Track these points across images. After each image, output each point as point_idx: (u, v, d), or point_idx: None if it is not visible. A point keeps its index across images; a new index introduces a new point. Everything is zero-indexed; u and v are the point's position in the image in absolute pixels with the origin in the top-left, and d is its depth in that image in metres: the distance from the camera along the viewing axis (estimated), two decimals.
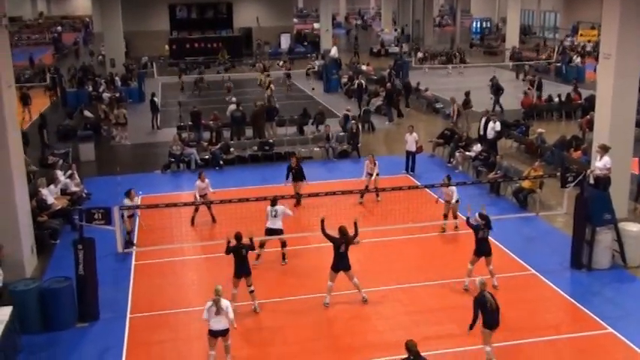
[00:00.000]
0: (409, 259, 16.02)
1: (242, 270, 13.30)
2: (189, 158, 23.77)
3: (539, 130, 24.87)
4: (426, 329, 12.90)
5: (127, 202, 16.19)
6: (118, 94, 32.98)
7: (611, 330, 12.58)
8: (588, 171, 16.53)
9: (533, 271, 15.22)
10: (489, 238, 14.26)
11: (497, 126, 23.83)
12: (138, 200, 17.26)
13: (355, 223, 13.83)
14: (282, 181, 19.60)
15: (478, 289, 11.51)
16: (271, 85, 33.63)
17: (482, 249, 14.12)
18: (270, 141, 25.33)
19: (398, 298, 14.18)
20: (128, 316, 13.64)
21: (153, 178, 22.89)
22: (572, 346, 12.08)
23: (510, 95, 32.95)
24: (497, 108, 30.05)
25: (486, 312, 11.31)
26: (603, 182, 16.26)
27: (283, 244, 15.66)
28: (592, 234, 15.15)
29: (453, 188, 17.20)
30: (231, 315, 11.28)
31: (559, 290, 14.27)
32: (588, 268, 15.19)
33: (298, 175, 19.34)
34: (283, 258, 15.69)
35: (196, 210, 18.03)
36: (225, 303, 11.24)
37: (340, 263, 13.60)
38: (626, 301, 13.81)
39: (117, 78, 37.03)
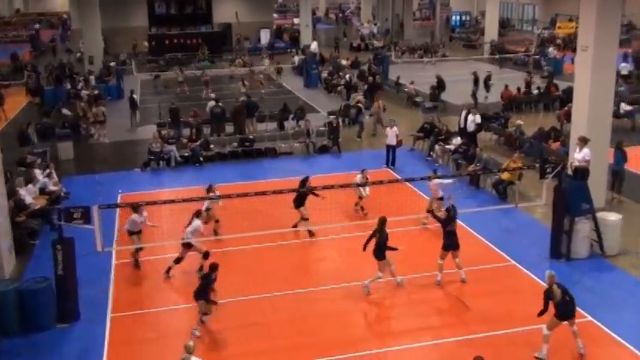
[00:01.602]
0: (391, 252, 16.02)
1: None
2: (169, 155, 23.64)
3: (518, 122, 25.03)
4: (407, 322, 12.94)
5: (135, 217, 15.45)
6: (96, 92, 32.69)
7: (590, 318, 12.73)
8: (567, 162, 16.70)
9: (513, 262, 15.33)
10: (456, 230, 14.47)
11: (478, 118, 23.94)
12: (145, 215, 15.87)
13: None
14: (262, 178, 19.54)
15: (547, 283, 11.56)
16: (245, 82, 33.58)
17: (450, 243, 14.20)
18: (251, 137, 25.27)
19: (380, 291, 14.21)
20: (109, 315, 13.56)
21: (132, 176, 22.74)
22: (552, 335, 12.15)
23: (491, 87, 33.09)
24: (473, 100, 30.11)
25: (556, 304, 11.44)
26: (582, 173, 16.38)
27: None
28: (571, 224, 15.29)
29: (437, 181, 17.15)
30: None
31: (538, 280, 14.35)
32: (567, 258, 15.33)
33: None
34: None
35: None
36: None
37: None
38: (604, 290, 13.97)
39: (91, 77, 36.62)
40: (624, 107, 27.38)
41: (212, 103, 27.58)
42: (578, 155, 16.73)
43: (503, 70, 40.45)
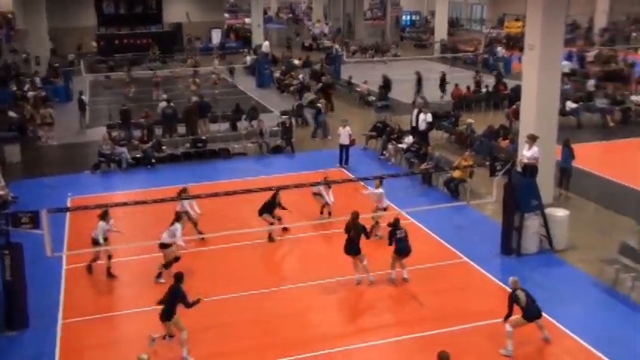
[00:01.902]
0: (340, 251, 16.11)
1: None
2: (120, 157, 23.27)
3: (469, 120, 25.43)
4: (362, 321, 13.03)
5: (102, 225, 14.90)
6: (43, 94, 31.97)
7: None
8: (517, 159, 17.03)
9: (465, 259, 15.57)
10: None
11: (429, 117, 24.22)
12: (112, 222, 15.33)
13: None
14: (215, 179, 19.40)
15: (511, 287, 11.85)
16: (197, 80, 33.28)
17: (402, 249, 14.32)
18: (203, 138, 25.07)
19: (333, 290, 14.28)
20: (60, 321, 13.28)
21: (82, 178, 22.31)
22: (504, 330, 12.39)
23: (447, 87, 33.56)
24: (419, 99, 30.40)
25: (523, 309, 11.70)
26: (531, 170, 16.73)
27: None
28: (520, 220, 15.60)
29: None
30: None
31: (490, 276, 14.65)
32: (517, 254, 15.65)
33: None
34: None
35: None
36: None
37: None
38: (554, 284, 14.29)
39: (37, 78, 35.79)
40: (570, 105, 28.08)
41: (163, 104, 27.26)
42: (527, 153, 17.07)
43: (454, 69, 41.00)
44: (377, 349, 12.07)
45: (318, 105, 28.53)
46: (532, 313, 11.80)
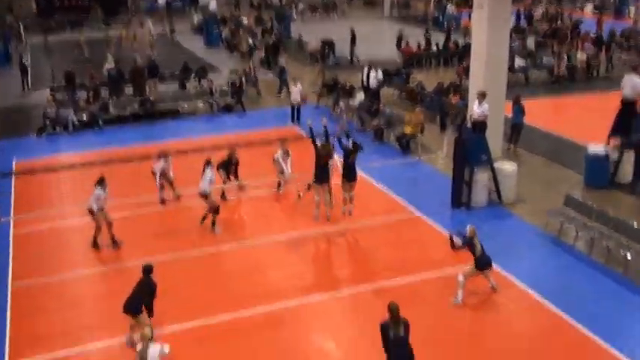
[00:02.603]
0: (298, 207, 16.16)
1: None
2: (66, 120, 22.73)
3: (419, 78, 25.55)
4: (317, 275, 13.15)
5: (99, 192, 14.09)
6: None
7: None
8: (467, 115, 17.23)
9: (417, 213, 15.80)
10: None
11: (380, 75, 24.26)
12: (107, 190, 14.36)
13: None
14: (165, 138, 19.14)
15: (469, 235, 12.04)
16: (136, 36, 32.63)
17: (350, 174, 14.76)
18: (152, 98, 24.62)
19: (289, 245, 14.37)
20: (10, 286, 13.03)
21: (28, 142, 21.77)
22: (455, 280, 12.70)
23: (392, 44, 33.56)
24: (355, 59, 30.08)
25: (477, 257, 11.95)
26: (480, 126, 16.94)
27: None
28: (470, 174, 15.86)
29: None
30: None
31: (441, 228, 14.90)
32: (467, 207, 15.94)
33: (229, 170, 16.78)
34: None
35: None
36: (155, 352, 9.16)
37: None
38: (502, 236, 14.62)
39: None
40: (518, 62, 28.45)
41: (109, 65, 26.60)
42: (477, 109, 17.26)
43: (404, 27, 40.95)
44: (332, 301, 12.21)
45: (282, 64, 28.16)
46: (484, 263, 12.08)
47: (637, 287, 12.44)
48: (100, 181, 14.09)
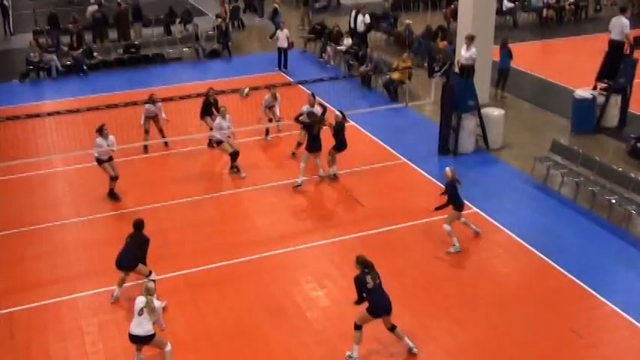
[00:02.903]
0: (285, 155, 16.16)
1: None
2: (50, 65, 22.40)
3: (407, 21, 25.25)
4: (305, 222, 13.25)
5: (99, 141, 13.69)
6: None
7: (475, 209, 13.44)
8: (455, 60, 17.10)
9: (404, 159, 15.84)
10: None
11: (367, 18, 23.93)
12: (112, 140, 13.93)
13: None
14: (150, 85, 18.92)
15: (450, 178, 12.03)
16: None
17: (315, 146, 14.42)
18: (136, 43, 24.24)
19: (277, 193, 14.42)
20: None
21: (11, 87, 21.50)
22: (444, 232, 12.84)
23: None
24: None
25: (456, 200, 12.01)
26: (468, 71, 16.84)
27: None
28: (457, 121, 15.86)
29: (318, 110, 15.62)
30: (158, 316, 9.11)
31: (428, 176, 14.98)
32: (454, 154, 16.00)
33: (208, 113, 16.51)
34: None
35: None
36: (157, 304, 9.06)
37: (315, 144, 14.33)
38: (488, 182, 14.75)
39: None
40: (506, 4, 28.12)
41: (93, 8, 26.07)
42: (465, 53, 17.11)
43: None
44: (320, 248, 12.34)
45: (275, 5, 27.67)
46: (462, 203, 12.21)
47: (621, 231, 12.63)
48: (100, 130, 13.72)
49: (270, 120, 16.87)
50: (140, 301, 9.01)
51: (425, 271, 11.63)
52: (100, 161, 13.99)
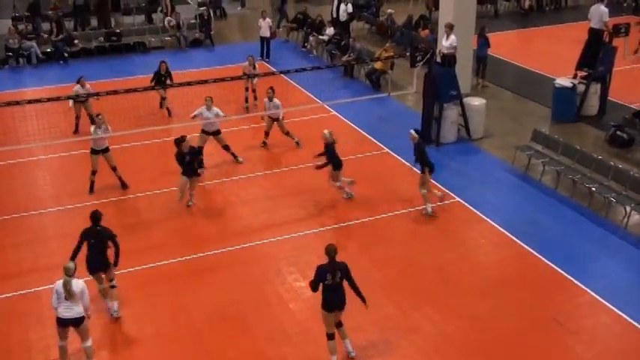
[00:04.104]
0: (267, 146, 16.14)
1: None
2: (29, 52, 22.19)
3: (389, 10, 25.26)
4: (287, 213, 13.26)
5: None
6: None
7: (458, 199, 13.54)
8: (436, 50, 17.15)
9: (386, 149, 15.89)
10: None
11: (349, 8, 23.93)
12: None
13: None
14: (132, 74, 18.81)
15: (416, 140, 12.67)
16: None
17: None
18: (118, 31, 24.02)
19: (259, 184, 14.41)
20: None
21: None
22: (425, 216, 12.93)
23: None
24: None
25: (428, 161, 12.72)
26: (449, 60, 16.91)
27: None
28: (440, 110, 15.92)
29: (278, 102, 15.67)
30: (87, 300, 8.94)
31: (410, 166, 15.00)
32: (437, 144, 16.06)
33: (162, 83, 17.42)
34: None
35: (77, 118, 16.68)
36: (78, 285, 8.84)
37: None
38: (470, 172, 14.85)
39: None
40: None
41: None
42: (445, 42, 17.19)
43: None
44: (304, 238, 12.36)
45: None
46: (433, 164, 12.77)
47: (601, 219, 12.78)
48: (92, 119, 13.49)
49: (247, 89, 17.52)
50: (59, 284, 8.77)
51: (407, 261, 11.70)
52: (95, 151, 13.72)
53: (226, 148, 15.12)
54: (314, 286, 8.99)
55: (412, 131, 12.60)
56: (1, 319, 10.31)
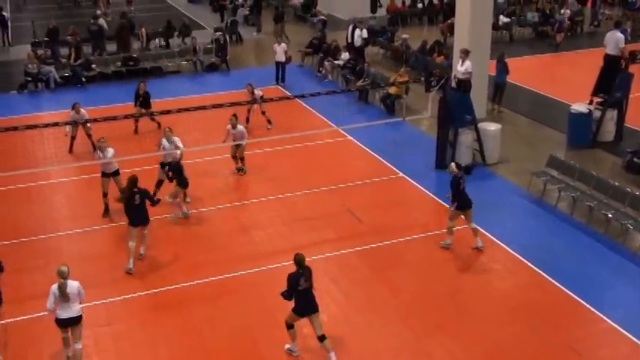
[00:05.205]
0: (283, 169, 16.18)
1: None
2: (48, 77, 22.45)
3: (404, 35, 25.39)
4: (302, 237, 13.24)
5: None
6: None
7: (474, 225, 13.42)
8: (451, 75, 17.18)
9: (401, 174, 15.86)
10: None
11: (364, 33, 24.07)
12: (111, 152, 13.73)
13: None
14: (151, 98, 18.94)
15: (454, 173, 12.28)
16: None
17: None
18: (135, 55, 24.30)
19: (274, 208, 14.41)
20: None
21: (9, 99, 21.54)
22: (439, 242, 12.85)
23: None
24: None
25: (459, 197, 12.24)
26: (464, 85, 16.93)
27: None
28: (454, 135, 15.90)
29: (241, 129, 15.55)
30: (83, 296, 9.55)
31: (425, 190, 15.00)
32: None
33: (145, 103, 18.23)
34: None
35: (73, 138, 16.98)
36: (73, 286, 9.37)
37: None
38: (485, 197, 14.70)
39: None
40: (502, 19, 28.33)
41: (95, 20, 26.11)
42: (460, 67, 17.22)
43: None
44: (318, 262, 12.27)
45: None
46: (467, 201, 12.40)
47: (618, 246, 12.65)
48: (93, 145, 14.49)
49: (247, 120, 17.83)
50: (55, 288, 9.26)
51: (422, 287, 11.61)
52: (106, 175, 13.83)
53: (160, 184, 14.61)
54: (289, 295, 9.32)
55: (452, 164, 12.55)
56: (16, 342, 10.31)
